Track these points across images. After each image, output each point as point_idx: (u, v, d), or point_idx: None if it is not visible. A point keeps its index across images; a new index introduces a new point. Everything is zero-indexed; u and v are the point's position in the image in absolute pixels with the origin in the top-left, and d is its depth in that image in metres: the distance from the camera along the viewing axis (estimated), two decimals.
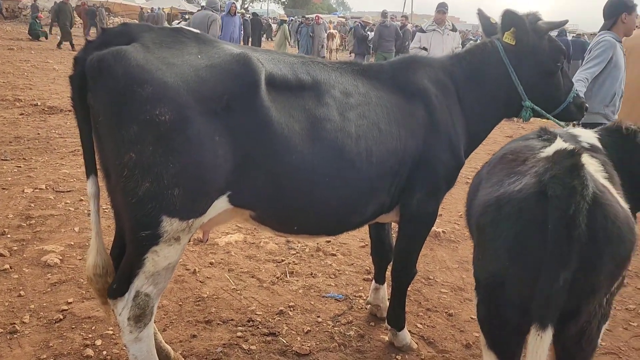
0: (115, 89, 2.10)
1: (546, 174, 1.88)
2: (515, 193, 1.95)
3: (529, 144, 2.37)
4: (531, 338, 1.77)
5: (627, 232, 1.88)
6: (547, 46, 3.19)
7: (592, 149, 2.53)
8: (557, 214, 1.75)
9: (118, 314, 2.39)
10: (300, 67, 2.62)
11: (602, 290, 1.90)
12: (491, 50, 3.21)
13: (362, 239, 4.97)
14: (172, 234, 2.27)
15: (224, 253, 4.50)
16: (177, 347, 3.11)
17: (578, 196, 1.75)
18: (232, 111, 2.29)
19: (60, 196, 5.31)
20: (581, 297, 1.85)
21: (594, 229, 1.78)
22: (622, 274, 2.00)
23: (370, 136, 2.65)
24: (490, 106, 3.23)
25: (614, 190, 2.07)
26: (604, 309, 1.99)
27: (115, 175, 2.22)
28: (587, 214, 1.75)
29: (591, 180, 1.84)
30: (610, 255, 1.83)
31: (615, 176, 2.30)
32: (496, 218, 1.98)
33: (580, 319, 1.90)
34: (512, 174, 2.10)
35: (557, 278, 1.72)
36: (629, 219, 1.93)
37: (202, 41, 2.39)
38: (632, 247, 1.91)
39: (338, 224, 2.85)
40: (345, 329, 3.50)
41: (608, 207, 1.85)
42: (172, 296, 3.70)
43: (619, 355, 3.44)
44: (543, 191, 1.84)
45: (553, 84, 3.27)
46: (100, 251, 2.40)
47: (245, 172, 2.37)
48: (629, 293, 4.31)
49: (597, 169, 2.15)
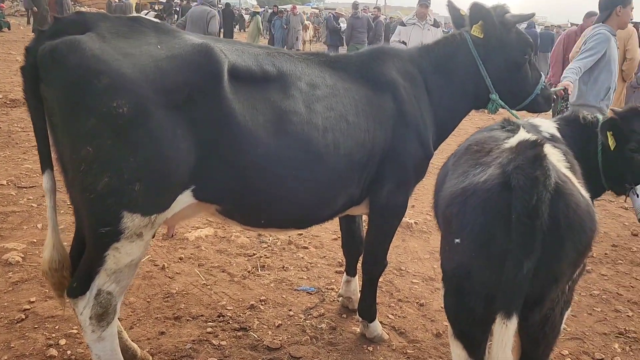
0: (70, 81, 2.02)
1: (510, 165, 1.90)
2: (480, 184, 1.97)
3: (494, 135, 2.39)
4: (497, 326, 1.80)
5: (588, 221, 1.91)
6: (515, 39, 3.20)
7: (552, 139, 2.58)
8: (520, 204, 1.77)
9: (79, 313, 2.32)
10: (265, 58, 2.56)
11: (564, 277, 1.93)
12: (460, 43, 3.21)
13: (334, 231, 4.96)
14: (133, 230, 2.20)
15: (194, 248, 4.43)
16: (144, 345, 3.05)
17: (541, 186, 1.77)
18: (194, 103, 2.22)
19: (22, 192, 5.14)
20: (544, 285, 1.88)
21: (556, 218, 1.81)
22: (583, 261, 2.04)
23: (337, 128, 2.62)
24: (458, 98, 3.23)
25: (575, 179, 2.10)
26: (566, 295, 2.04)
27: (72, 170, 2.14)
28: (550, 203, 1.77)
29: (553, 170, 1.87)
30: (572, 244, 1.86)
31: (575, 165, 2.34)
32: (462, 209, 2.00)
33: (544, 306, 1.93)
34: (477, 165, 2.12)
35: (521, 267, 1.74)
36: (589, 207, 1.97)
37: (162, 31, 2.31)
38: (593, 235, 1.95)
39: (307, 217, 2.83)
40: (317, 322, 3.48)
41: (569, 196, 1.88)
42: (139, 293, 3.62)
43: (583, 340, 3.52)
44: (507, 182, 1.85)
45: (520, 76, 3.28)
46: (56, 246, 2.33)
47: (209, 166, 2.32)
48: (593, 279, 4.42)
49: (559, 158, 2.18)
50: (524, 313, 1.84)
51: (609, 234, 5.34)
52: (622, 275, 4.54)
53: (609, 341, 3.53)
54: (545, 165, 1.84)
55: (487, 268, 1.91)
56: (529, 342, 2.07)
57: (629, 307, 3.99)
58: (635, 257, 4.92)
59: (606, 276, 4.50)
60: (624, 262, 4.81)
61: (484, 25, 3.11)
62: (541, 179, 1.79)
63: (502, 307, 1.78)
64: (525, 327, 1.96)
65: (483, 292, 1.94)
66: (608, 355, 3.37)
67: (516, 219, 1.77)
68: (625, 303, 4.06)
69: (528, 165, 1.84)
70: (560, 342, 3.45)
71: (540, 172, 1.80)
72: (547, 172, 1.81)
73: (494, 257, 1.86)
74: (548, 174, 1.81)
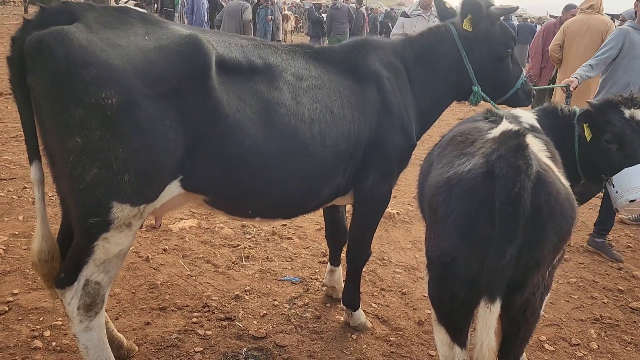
0: (57, 72, 2.00)
1: (493, 155, 1.96)
2: (465, 173, 2.03)
3: (477, 126, 2.45)
4: (481, 310, 1.86)
5: (569, 208, 1.98)
6: (499, 32, 3.25)
7: (532, 130, 2.64)
8: (503, 192, 1.83)
9: (67, 303, 2.31)
10: (252, 50, 2.57)
11: (545, 263, 2.00)
12: (444, 34, 3.25)
13: (317, 222, 5.00)
14: (123, 220, 2.21)
15: (178, 239, 4.43)
16: (130, 335, 3.06)
17: (523, 175, 1.83)
18: (182, 94, 2.23)
19: (2, 184, 5.06)
20: (526, 271, 1.94)
21: (538, 206, 1.87)
22: (563, 248, 2.12)
23: (323, 120, 2.65)
24: (441, 88, 3.27)
25: (555, 168, 2.17)
26: (546, 280, 2.11)
27: (60, 161, 2.13)
28: (532, 191, 1.83)
29: (535, 159, 1.93)
30: (553, 230, 1.93)
31: (556, 155, 2.42)
32: (447, 198, 2.05)
33: (525, 291, 1.99)
34: (462, 155, 2.17)
35: (504, 253, 1.80)
36: (569, 195, 2.04)
37: (149, 22, 2.30)
38: (573, 222, 2.02)
39: (293, 208, 2.86)
40: (302, 311, 3.53)
41: (550, 184, 1.94)
42: (124, 284, 3.62)
43: (560, 326, 3.63)
44: (490, 171, 1.92)
45: (503, 69, 3.33)
46: (46, 237, 2.31)
47: (197, 156, 2.33)
48: (571, 267, 4.54)
49: (540, 148, 2.24)
50: (506, 297, 1.90)
51: (586, 223, 5.47)
52: (598, 264, 4.67)
53: (585, 327, 3.65)
54: (527, 154, 1.89)
55: (471, 254, 1.96)
56: (510, 326, 2.14)
57: (605, 294, 4.12)
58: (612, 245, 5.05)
59: (583, 264, 4.63)
60: None
61: (473, 19, 3.15)
62: (523, 167, 1.84)
63: (486, 292, 1.84)
64: (507, 311, 2.02)
65: (467, 277, 2.00)
66: (584, 341, 3.48)
67: (499, 206, 1.83)
68: (601, 290, 4.19)
69: (511, 154, 1.90)
70: (538, 329, 3.55)
71: (522, 161, 1.86)
72: (529, 161, 1.87)
73: (478, 244, 1.91)
74: (530, 162, 1.86)
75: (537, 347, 3.37)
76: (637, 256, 4.86)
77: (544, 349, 3.36)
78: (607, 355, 3.36)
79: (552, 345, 3.40)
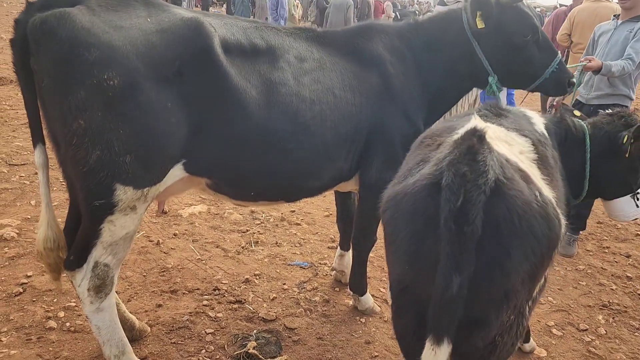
0: (60, 53, 2.02)
1: (444, 161, 1.60)
2: (410, 186, 1.69)
3: (451, 125, 2.03)
4: (425, 352, 1.51)
5: (542, 226, 1.59)
6: (512, 20, 3.04)
7: (530, 128, 2.29)
8: (447, 207, 1.48)
9: (77, 285, 2.35)
10: (254, 32, 2.58)
11: (518, 296, 1.62)
12: (453, 20, 3.13)
13: (326, 208, 5.02)
14: (127, 202, 2.24)
15: (188, 224, 4.47)
16: (142, 317, 3.11)
17: (470, 185, 1.49)
18: (184, 77, 2.24)
19: (14, 169, 5.11)
20: (488, 305, 1.58)
21: (495, 224, 1.52)
22: (542, 275, 1.73)
23: (324, 101, 2.65)
24: (451, 76, 3.16)
25: (537, 174, 1.81)
26: (525, 319, 1.74)
27: (64, 143, 2.16)
28: (485, 206, 1.48)
29: (496, 165, 1.56)
30: (521, 254, 1.55)
31: (549, 158, 2.04)
32: (394, 215, 1.74)
33: (490, 332, 1.62)
34: (421, 162, 1.81)
35: (450, 283, 1.45)
36: (545, 209, 1.63)
37: (151, 5, 2.32)
38: (551, 243, 1.64)
39: (296, 189, 2.86)
40: (311, 295, 3.56)
41: (513, 197, 1.55)
42: (135, 267, 3.66)
43: (568, 312, 3.64)
44: (438, 182, 1.56)
45: (523, 57, 3.11)
46: (51, 224, 2.34)
47: (201, 139, 2.35)
48: (579, 255, 4.54)
49: (521, 150, 1.91)
50: (464, 339, 1.59)
51: (594, 211, 5.44)
52: (607, 251, 4.66)
53: (593, 313, 3.66)
54: (479, 159, 1.53)
55: (421, 283, 1.63)
56: None
57: (613, 281, 4.12)
58: (620, 233, 5.05)
59: (591, 252, 4.62)
60: (608, 238, 4.94)
61: (483, 15, 2.99)
62: (469, 176, 1.50)
63: (432, 330, 1.50)
64: (466, 356, 1.67)
65: (415, 310, 1.68)
66: (592, 326, 3.49)
67: (443, 224, 1.48)
68: (609, 277, 4.19)
69: (459, 160, 1.55)
70: (546, 314, 3.57)
71: (468, 168, 1.51)
72: (480, 167, 1.51)
73: (425, 271, 1.57)
74: (483, 169, 1.51)
75: (544, 332, 3.38)
76: None
77: (552, 333, 3.37)
78: (615, 340, 3.37)
79: (560, 330, 3.42)
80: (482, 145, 1.59)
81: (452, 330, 1.48)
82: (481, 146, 1.58)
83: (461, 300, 1.46)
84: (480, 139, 1.61)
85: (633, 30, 4.21)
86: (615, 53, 4.27)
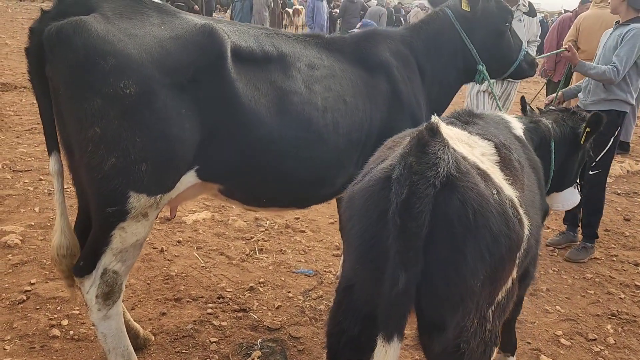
0: (76, 62, 2.02)
1: (398, 155, 1.57)
2: (365, 182, 1.67)
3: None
4: (377, 350, 1.48)
5: (500, 224, 1.53)
6: (495, 6, 3.30)
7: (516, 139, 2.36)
8: (394, 201, 1.44)
9: (85, 292, 2.33)
10: (265, 39, 2.58)
11: (476, 298, 1.55)
12: (443, 18, 3.29)
13: (330, 215, 4.99)
14: (139, 210, 2.22)
15: (192, 231, 4.44)
16: (146, 325, 3.08)
17: (415, 177, 1.43)
18: (198, 84, 2.24)
19: (18, 176, 5.11)
20: (445, 307, 1.53)
21: (449, 219, 1.47)
22: (505, 279, 1.66)
23: (336, 108, 2.65)
24: (449, 74, 3.31)
25: (499, 175, 1.77)
26: (490, 325, 1.66)
27: (79, 151, 2.15)
28: (437, 200, 1.43)
29: (450, 158, 1.51)
30: (477, 254, 1.49)
31: (514, 162, 1.99)
32: (350, 214, 1.70)
33: (446, 335, 1.56)
34: (381, 162, 1.77)
35: (397, 279, 1.41)
36: (504, 207, 1.57)
37: (164, 11, 2.32)
38: (512, 244, 1.58)
39: (308, 196, 2.86)
40: (316, 303, 3.53)
41: (468, 190, 1.49)
42: (139, 275, 3.64)
43: (577, 321, 3.59)
44: (390, 175, 1.52)
45: (504, 43, 3.39)
46: (65, 231, 2.33)
47: (214, 146, 2.34)
48: (587, 263, 4.49)
49: (484, 152, 1.87)
50: (424, 341, 1.58)
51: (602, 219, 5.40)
52: (614, 259, 4.62)
53: (601, 322, 3.61)
54: (429, 151, 1.49)
55: (370, 282, 1.58)
56: None
57: (621, 290, 4.07)
58: (628, 241, 5.01)
59: (599, 260, 4.58)
60: (616, 246, 4.90)
61: None
62: (415, 167, 1.45)
63: (381, 328, 1.47)
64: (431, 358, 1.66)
65: (363, 310, 1.63)
66: (601, 336, 3.44)
67: (390, 218, 1.44)
68: (618, 286, 4.14)
69: (409, 152, 1.52)
70: (554, 324, 3.53)
71: (415, 160, 1.46)
72: (430, 159, 1.47)
73: (378, 269, 1.50)
74: (433, 162, 1.46)
75: (553, 342, 3.34)
76: None
77: (560, 343, 3.33)
78: (624, 350, 3.32)
79: (568, 340, 3.37)
80: (434, 138, 1.54)
81: (402, 328, 1.46)
82: (433, 139, 1.53)
83: (409, 298, 1.43)
84: (432, 132, 1.56)
85: (621, 35, 4.21)
86: (608, 58, 4.29)
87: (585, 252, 4.55)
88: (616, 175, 6.94)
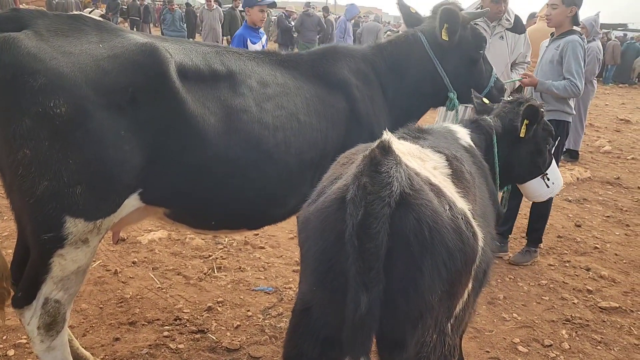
0: (3, 80, 1.92)
1: (351, 175, 1.55)
2: (320, 202, 1.65)
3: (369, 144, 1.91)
4: None
5: (455, 239, 1.54)
6: (470, 35, 3.29)
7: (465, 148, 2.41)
8: (350, 222, 1.43)
9: (26, 323, 2.21)
10: (214, 57, 2.52)
11: (434, 314, 1.56)
12: (413, 42, 3.24)
13: (290, 230, 4.95)
14: (78, 235, 2.12)
15: (148, 251, 4.32)
16: (98, 352, 2.95)
17: (370, 197, 1.43)
18: (138, 104, 2.16)
19: None
20: (405, 324, 1.54)
21: (405, 238, 1.47)
22: (462, 292, 1.68)
23: (288, 127, 2.60)
24: (414, 96, 3.26)
25: (452, 188, 1.79)
26: (449, 339, 1.67)
27: (9, 173, 2.04)
28: (393, 219, 1.43)
29: (403, 176, 1.50)
30: (434, 270, 1.50)
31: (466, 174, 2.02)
32: (306, 235, 1.69)
33: (408, 351, 1.56)
34: (335, 180, 1.77)
35: (359, 302, 1.40)
36: (456, 222, 1.59)
37: (105, 29, 2.24)
38: (467, 258, 1.60)
39: (258, 217, 2.79)
40: (276, 321, 3.47)
41: (421, 207, 1.50)
42: (91, 299, 3.50)
43: (533, 328, 3.66)
44: (345, 196, 1.50)
45: (476, 71, 3.39)
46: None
47: (157, 168, 2.26)
48: (541, 270, 4.60)
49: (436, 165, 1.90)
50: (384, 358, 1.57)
51: (554, 225, 5.57)
52: (567, 265, 4.75)
53: (556, 328, 3.70)
54: (382, 170, 1.48)
55: (330, 305, 1.57)
56: None
57: (574, 295, 4.19)
58: (579, 247, 5.16)
59: (553, 266, 4.70)
60: (568, 252, 5.04)
61: (449, 28, 3.14)
62: (370, 187, 1.44)
63: (348, 352, 1.46)
64: None
65: (322, 333, 1.63)
66: (556, 342, 3.52)
67: (347, 240, 1.43)
68: (571, 291, 4.25)
69: (362, 172, 1.50)
70: (511, 331, 3.59)
71: (369, 180, 1.46)
72: (384, 179, 1.46)
73: (338, 292, 1.49)
74: (386, 181, 1.45)
75: (511, 350, 3.39)
76: (604, 257, 4.96)
77: (518, 350, 3.38)
78: (579, 355, 3.40)
79: (525, 347, 3.43)
80: (386, 157, 1.53)
81: (369, 350, 1.45)
82: (385, 158, 1.52)
83: (373, 319, 1.42)
84: (385, 150, 1.55)
85: (559, 48, 4.40)
86: (545, 72, 4.51)
87: (529, 255, 4.73)
88: (567, 183, 7.17)
